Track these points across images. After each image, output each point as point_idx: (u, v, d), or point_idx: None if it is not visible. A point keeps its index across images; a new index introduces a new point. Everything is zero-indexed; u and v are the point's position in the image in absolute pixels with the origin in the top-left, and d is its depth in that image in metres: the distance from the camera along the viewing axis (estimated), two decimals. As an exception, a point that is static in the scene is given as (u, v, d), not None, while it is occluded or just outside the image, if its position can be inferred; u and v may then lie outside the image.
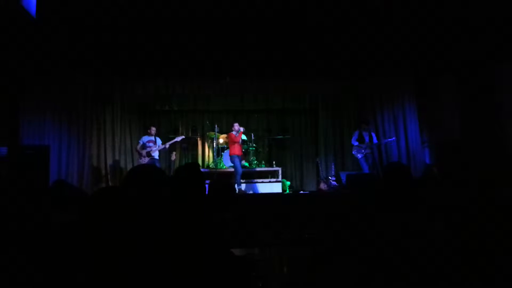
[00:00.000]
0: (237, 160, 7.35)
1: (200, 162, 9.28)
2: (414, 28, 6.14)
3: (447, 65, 7.22)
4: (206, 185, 2.54)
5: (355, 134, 7.68)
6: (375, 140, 7.58)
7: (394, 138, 7.78)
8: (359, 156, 7.51)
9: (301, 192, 8.19)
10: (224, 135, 8.96)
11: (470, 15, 5.66)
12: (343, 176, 7.75)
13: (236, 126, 7.50)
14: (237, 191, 7.51)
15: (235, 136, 7.43)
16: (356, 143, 7.56)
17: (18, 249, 1.76)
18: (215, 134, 8.65)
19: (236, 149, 7.41)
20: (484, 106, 6.79)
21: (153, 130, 7.69)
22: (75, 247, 1.43)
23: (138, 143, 7.68)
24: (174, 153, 8.49)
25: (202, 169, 8.46)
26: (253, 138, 8.73)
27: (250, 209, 5.63)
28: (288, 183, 8.53)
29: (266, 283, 1.72)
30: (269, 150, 9.46)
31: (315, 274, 1.80)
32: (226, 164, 8.37)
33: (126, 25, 5.93)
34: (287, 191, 8.15)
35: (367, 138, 7.50)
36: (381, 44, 6.72)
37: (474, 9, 5.49)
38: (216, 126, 8.74)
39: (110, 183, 7.98)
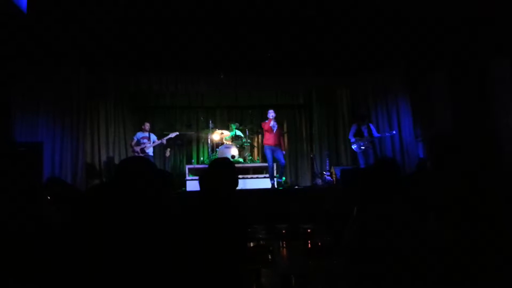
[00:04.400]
0: (267, 152, 7.08)
1: (194, 158, 9.28)
2: (407, 23, 6.16)
3: (439, 60, 7.25)
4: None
5: (353, 129, 7.60)
6: (375, 133, 7.49)
7: (395, 131, 7.68)
8: (359, 150, 7.47)
9: (296, 187, 8.22)
10: (219, 131, 8.96)
11: (463, 11, 5.68)
12: (337, 171, 7.78)
13: (269, 112, 7.14)
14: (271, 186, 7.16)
15: (264, 124, 7.16)
16: (354, 139, 7.49)
17: (13, 246, 1.75)
18: (209, 130, 8.64)
19: (267, 139, 7.10)
20: (476, 101, 6.83)
21: (147, 126, 7.70)
22: (70, 245, 1.42)
23: (132, 139, 7.69)
24: (168, 149, 8.49)
25: (196, 165, 8.52)
26: (247, 133, 8.74)
27: (245, 204, 5.65)
28: (283, 178, 8.55)
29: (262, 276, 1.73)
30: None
31: (309, 267, 1.82)
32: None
33: (119, 20, 5.89)
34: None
35: (365, 132, 7.41)
36: (374, 39, 6.74)
37: (467, 4, 5.52)
38: (210, 121, 8.74)
39: (104, 179, 7.96)
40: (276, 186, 7.17)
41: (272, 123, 7.02)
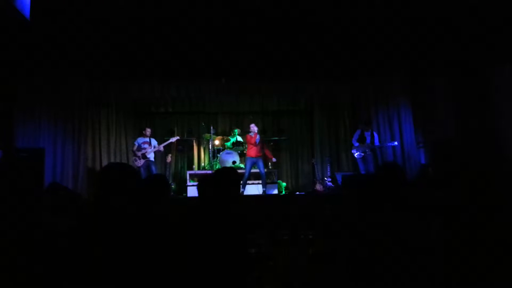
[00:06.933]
0: (248, 163, 7.36)
1: (195, 164, 9.27)
2: (410, 27, 6.17)
3: (441, 66, 7.25)
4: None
5: (356, 134, 7.62)
6: (376, 142, 7.50)
7: (396, 142, 7.64)
8: (358, 156, 7.48)
9: (297, 193, 8.20)
10: (220, 137, 8.97)
11: (466, 15, 5.69)
12: (338, 177, 7.76)
13: (252, 127, 7.47)
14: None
15: (250, 137, 7.42)
16: (357, 144, 7.51)
17: (14, 252, 1.74)
18: (210, 136, 8.64)
19: (250, 151, 7.39)
20: (479, 107, 6.82)
21: (148, 131, 7.71)
22: (70, 252, 1.42)
23: (133, 144, 7.71)
24: (169, 155, 8.49)
25: (197, 171, 8.51)
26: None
27: (246, 210, 5.62)
28: (284, 184, 8.53)
29: (263, 283, 1.72)
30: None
31: (311, 274, 1.81)
32: (222, 165, 8.36)
33: (121, 26, 5.92)
34: (283, 192, 8.16)
35: (368, 139, 7.42)
36: (376, 44, 6.75)
37: (470, 9, 5.53)
38: (211, 127, 8.74)
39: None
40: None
41: (257, 137, 7.35)
